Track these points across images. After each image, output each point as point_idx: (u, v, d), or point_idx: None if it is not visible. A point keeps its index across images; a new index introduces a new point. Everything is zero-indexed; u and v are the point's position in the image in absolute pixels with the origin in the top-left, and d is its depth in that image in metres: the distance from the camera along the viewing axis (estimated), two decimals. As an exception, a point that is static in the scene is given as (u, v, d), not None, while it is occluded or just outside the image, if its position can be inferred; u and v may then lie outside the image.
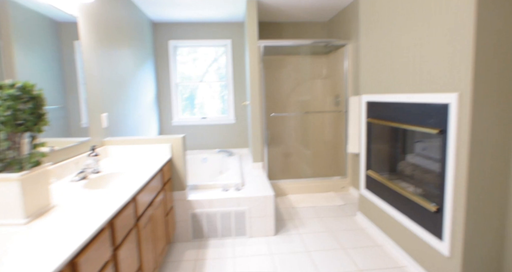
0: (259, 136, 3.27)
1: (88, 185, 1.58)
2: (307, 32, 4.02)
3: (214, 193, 2.43)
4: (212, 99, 4.21)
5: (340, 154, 3.74)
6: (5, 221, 1.03)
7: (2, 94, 1.00)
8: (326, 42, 3.39)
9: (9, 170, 1.06)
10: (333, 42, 3.38)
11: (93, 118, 2.09)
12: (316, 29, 4.02)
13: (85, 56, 2.02)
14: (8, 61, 1.31)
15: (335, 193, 3.48)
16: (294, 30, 3.99)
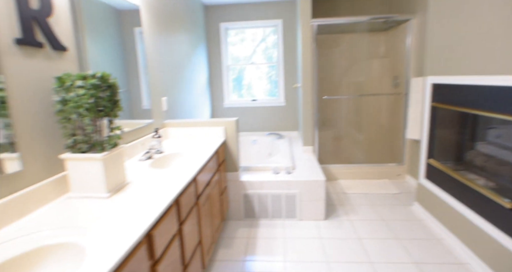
0: (310, 119, 3.21)
1: (153, 164, 1.73)
2: (364, 8, 3.71)
3: (265, 175, 2.48)
4: (259, 80, 4.20)
5: (397, 139, 3.52)
6: (93, 194, 1.19)
7: (86, 84, 1.12)
8: (386, 18, 3.11)
9: (93, 150, 1.20)
10: (395, 17, 3.08)
11: (155, 102, 2.24)
12: (374, 4, 3.69)
13: (147, 43, 2.14)
14: (82, 50, 1.43)
15: (389, 180, 3.32)
16: (350, 6, 3.71)
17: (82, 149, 1.19)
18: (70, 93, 1.13)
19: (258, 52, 4.14)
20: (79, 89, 1.12)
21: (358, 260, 1.91)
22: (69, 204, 1.13)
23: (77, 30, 1.37)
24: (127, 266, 0.84)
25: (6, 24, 1.01)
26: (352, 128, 3.88)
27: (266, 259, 1.95)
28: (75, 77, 1.13)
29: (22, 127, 1.07)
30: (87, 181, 1.19)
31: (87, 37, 1.45)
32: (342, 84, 3.83)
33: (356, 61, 3.77)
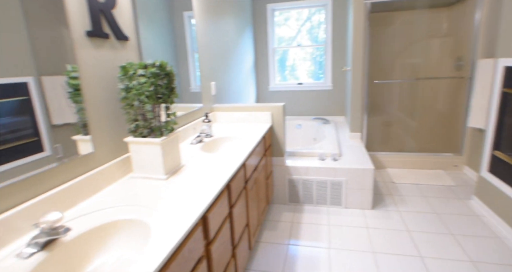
0: (359, 105, 3.06)
1: (204, 148, 1.80)
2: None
3: (310, 161, 2.46)
4: (303, 61, 4.06)
5: (455, 127, 3.22)
6: (152, 175, 1.29)
7: (147, 72, 1.18)
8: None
9: (152, 135, 1.28)
10: (464, -11, 2.73)
11: (204, 86, 2.31)
12: (440, -26, 3.29)
13: (198, 29, 2.17)
14: (134, 19, 1.44)
15: (444, 171, 3.08)
16: (410, -22, 3.35)
17: (143, 133, 1.28)
18: (133, 82, 1.20)
19: (303, 32, 3.98)
20: (141, 78, 1.19)
21: (406, 253, 1.85)
22: (132, 184, 1.24)
23: (135, 20, 1.44)
24: (187, 245, 0.91)
25: (79, 18, 1.10)
26: (404, 114, 3.63)
27: (310, 244, 1.97)
28: (137, 66, 1.20)
29: (93, 112, 1.18)
30: (147, 163, 1.28)
31: (139, 22, 1.48)
32: (395, 67, 3.56)
33: (413, 41, 3.45)
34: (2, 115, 0.85)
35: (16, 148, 0.89)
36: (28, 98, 0.92)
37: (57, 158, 1.02)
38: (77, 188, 1.07)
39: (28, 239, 0.87)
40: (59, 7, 1.02)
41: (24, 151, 0.91)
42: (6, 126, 0.86)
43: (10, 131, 0.87)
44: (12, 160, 0.88)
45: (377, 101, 3.66)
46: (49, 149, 0.99)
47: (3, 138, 0.85)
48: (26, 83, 0.92)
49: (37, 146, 0.96)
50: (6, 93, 0.86)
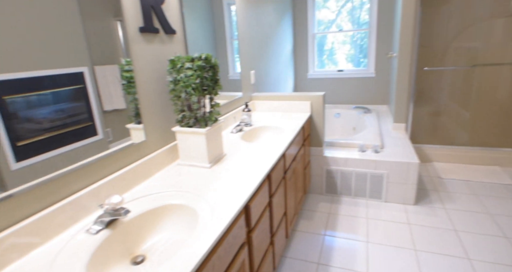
0: (404, 94, 2.88)
1: (244, 137, 1.85)
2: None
3: (350, 152, 2.41)
4: (343, 44, 3.86)
5: (517, 119, 2.91)
6: (197, 163, 1.36)
7: (193, 66, 1.23)
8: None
9: (197, 125, 1.35)
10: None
11: (244, 75, 2.33)
12: None
13: (239, 16, 2.18)
14: (180, 13, 1.49)
15: (501, 168, 2.83)
16: (473, -49, 3.00)
17: (189, 123, 1.34)
18: (180, 74, 1.26)
19: (343, 13, 3.76)
20: (188, 71, 1.24)
21: (451, 253, 1.76)
22: (179, 171, 1.33)
23: (182, 13, 1.48)
24: (231, 232, 0.96)
25: (133, 15, 1.16)
26: (457, 104, 3.34)
27: (347, 236, 1.97)
28: (184, 60, 1.25)
29: (145, 103, 1.27)
30: (193, 152, 1.35)
31: (184, 10, 1.50)
32: (449, 52, 3.26)
33: (472, 22, 3.12)
34: (62, 102, 0.94)
35: (74, 131, 0.98)
36: (84, 87, 1.01)
37: (108, 141, 1.12)
38: (132, 173, 1.18)
39: (95, 217, 0.98)
40: (116, 6, 1.09)
41: (81, 135, 1.01)
42: (66, 112, 0.95)
43: (68, 116, 0.96)
44: (71, 142, 0.97)
45: (426, 89, 3.42)
46: (101, 132, 1.08)
47: (63, 122, 0.94)
48: (82, 72, 1.00)
49: (92, 130, 1.05)
50: (65, 82, 0.95)
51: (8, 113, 0.79)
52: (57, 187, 0.92)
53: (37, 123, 0.87)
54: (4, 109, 0.78)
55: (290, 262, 1.76)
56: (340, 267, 1.70)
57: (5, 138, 0.79)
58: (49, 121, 0.90)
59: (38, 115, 0.87)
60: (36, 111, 0.86)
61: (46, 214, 0.86)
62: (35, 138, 0.86)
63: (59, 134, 0.93)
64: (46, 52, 0.87)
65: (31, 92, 0.85)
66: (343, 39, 3.87)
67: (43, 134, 0.88)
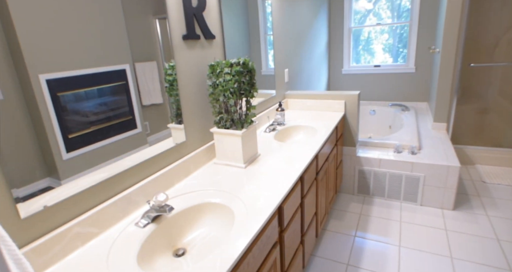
0: (447, 91, 2.73)
1: (277, 136, 1.88)
2: None
3: (384, 153, 2.35)
4: (380, 34, 3.67)
5: None
6: (233, 163, 1.43)
7: (231, 71, 1.28)
8: None
9: (234, 127, 1.41)
10: None
11: (278, 73, 2.35)
12: None
13: (274, 14, 2.19)
14: (219, 18, 1.55)
15: (554, 173, 2.60)
16: None
17: (226, 125, 1.41)
18: (219, 79, 1.32)
19: (383, 1, 3.57)
20: (227, 75, 1.30)
21: (492, 264, 1.69)
22: (216, 170, 1.41)
23: (221, 18, 1.54)
24: (265, 232, 1.02)
25: (177, 25, 1.24)
26: (507, 103, 3.09)
27: (378, 239, 1.95)
28: (223, 65, 1.31)
29: (185, 105, 1.35)
30: (229, 152, 1.42)
31: (222, 8, 1.52)
32: (500, 47, 3.01)
33: (530, 13, 2.84)
34: (106, 97, 1.01)
35: (116, 125, 1.06)
36: (126, 83, 1.08)
37: (146, 133, 1.20)
38: (174, 171, 1.27)
39: (142, 211, 1.09)
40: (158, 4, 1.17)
41: (122, 128, 1.08)
42: (109, 106, 1.03)
43: (111, 110, 1.03)
44: (114, 135, 1.05)
45: (471, 86, 3.19)
46: (140, 126, 1.16)
47: (106, 115, 1.02)
48: (125, 70, 1.07)
49: (132, 123, 1.12)
50: (110, 79, 1.02)
51: (61, 108, 0.88)
52: (111, 184, 1.03)
53: (84, 116, 0.96)
54: (57, 105, 0.87)
55: (319, 262, 1.80)
56: (370, 270, 1.70)
57: (58, 131, 0.88)
58: (94, 115, 0.98)
59: (85, 109, 0.95)
60: (84, 106, 0.95)
61: (103, 207, 0.97)
62: (83, 131, 0.95)
63: (103, 128, 1.01)
64: (94, 52, 0.95)
65: (80, 89, 0.93)
66: (381, 28, 3.68)
67: (90, 128, 0.97)
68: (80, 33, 0.90)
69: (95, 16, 0.95)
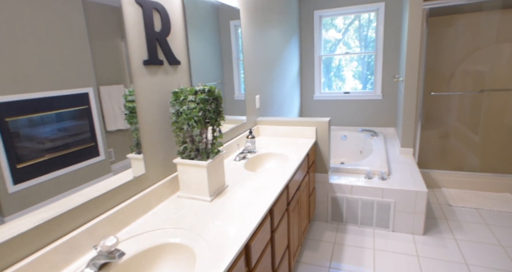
0: (411, 119, 2.85)
1: (247, 165, 1.82)
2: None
3: (356, 179, 2.35)
4: (350, 62, 3.86)
5: (529, 145, 2.83)
6: (198, 196, 1.33)
7: (196, 98, 1.23)
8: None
9: (199, 157, 1.33)
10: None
11: (249, 100, 2.33)
12: (515, -28, 2.92)
13: (244, 40, 2.20)
14: (185, 43, 1.49)
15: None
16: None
17: (190, 155, 1.32)
18: (183, 106, 1.25)
19: (351, 31, 3.79)
20: (191, 103, 1.24)
21: (464, 292, 1.67)
22: (179, 204, 1.30)
23: (187, 43, 1.50)
24: (229, 277, 0.92)
25: (138, 49, 1.17)
26: (465, 129, 3.28)
27: (353, 269, 1.88)
28: (188, 92, 1.25)
29: (146, 133, 1.25)
30: (194, 184, 1.33)
31: (189, 31, 1.47)
32: (456, 77, 3.24)
33: (478, 47, 3.11)
34: (65, 122, 0.92)
35: (76, 152, 0.96)
36: (88, 107, 1.00)
37: (110, 161, 1.09)
38: (131, 207, 1.15)
39: (87, 259, 0.95)
40: (122, 38, 1.10)
41: (83, 155, 0.98)
42: (68, 132, 0.93)
43: (70, 136, 0.94)
44: (72, 163, 0.95)
45: (433, 113, 3.37)
46: (103, 153, 1.06)
47: (64, 142, 0.92)
48: (87, 93, 0.99)
49: (94, 150, 1.03)
50: (70, 103, 0.94)
51: (9, 135, 0.78)
52: (51, 227, 0.89)
53: (39, 143, 0.86)
54: (5, 131, 0.77)
55: (293, 298, 1.68)
56: (345, 305, 1.61)
57: (5, 160, 0.77)
58: (51, 142, 0.89)
59: (41, 136, 0.86)
60: (39, 132, 0.85)
61: (39, 256, 0.83)
62: (36, 160, 0.85)
63: (60, 156, 0.91)
64: (53, 74, 0.87)
65: (35, 114, 0.84)
66: (351, 56, 3.87)
67: (44, 156, 0.87)
68: (36, 54, 0.83)
69: (55, 37, 0.88)
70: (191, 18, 1.52)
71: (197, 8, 1.59)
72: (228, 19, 1.98)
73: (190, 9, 1.52)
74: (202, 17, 1.63)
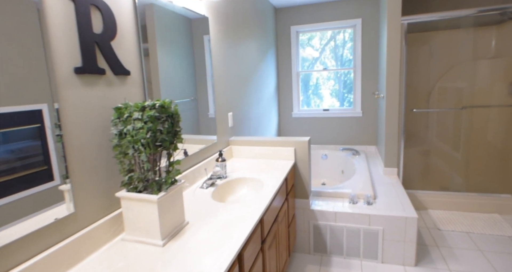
0: (394, 137, 2.71)
1: (215, 194, 1.55)
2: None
3: (340, 204, 2.13)
4: (327, 80, 3.78)
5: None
6: (147, 239, 1.04)
7: (143, 117, 0.97)
8: (503, 9, 2.45)
9: (149, 189, 1.05)
10: (518, 7, 2.40)
11: (220, 118, 2.09)
12: (485, -8, 2.97)
13: (214, 54, 2.00)
14: (153, 59, 1.34)
15: (501, 216, 2.61)
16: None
17: (138, 187, 1.05)
18: (128, 126, 0.99)
19: (327, 51, 3.74)
20: (137, 122, 0.98)
21: None
22: (122, 250, 1.00)
23: (140, 50, 1.26)
24: None
25: (67, 54, 0.92)
26: (447, 147, 3.20)
27: (341, 314, 1.61)
28: (133, 108, 1.00)
29: (76, 162, 0.97)
30: (142, 224, 1.04)
31: (157, 46, 1.36)
32: (434, 94, 3.19)
33: (455, 63, 3.09)
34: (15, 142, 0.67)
35: (26, 177, 0.77)
36: (41, 126, 0.85)
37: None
38: (48, 261, 0.85)
39: None
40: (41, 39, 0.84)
41: (34, 180, 0.74)
42: (16, 153, 0.79)
43: (19, 159, 0.78)
44: (22, 189, 0.77)
45: (415, 131, 3.28)
46: (58, 177, 0.89)
47: (12, 165, 0.80)
48: (41, 110, 0.82)
49: (47, 174, 0.86)
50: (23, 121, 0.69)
51: None
52: None
53: None
54: None
55: None
56: None
57: None
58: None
59: None
60: None
61: None
62: None
63: (3, 182, 0.77)
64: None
65: None
66: (328, 75, 3.79)
67: None
68: None
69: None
70: (161, 30, 1.39)
71: (167, 20, 1.46)
72: (201, 34, 1.85)
73: (159, 21, 1.38)
74: (173, 30, 1.52)
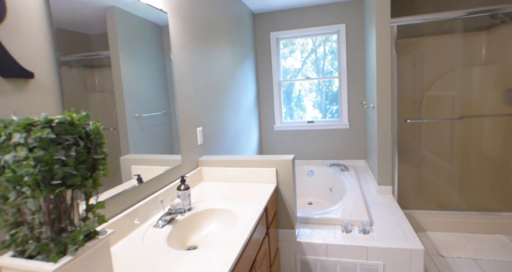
0: (388, 150, 2.43)
1: (172, 237, 1.17)
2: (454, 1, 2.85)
3: (331, 233, 1.80)
4: (309, 92, 3.53)
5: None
6: None
7: (28, 141, 0.61)
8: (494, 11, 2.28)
9: (47, 253, 0.68)
10: (509, 8, 2.23)
11: (185, 134, 1.74)
12: (471, -5, 2.82)
13: (176, 57, 1.66)
14: (116, 69, 1.15)
15: (506, 236, 2.35)
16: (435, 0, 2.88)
17: (28, 249, 0.67)
18: (6, 156, 0.62)
19: (308, 64, 3.51)
20: (19, 149, 0.62)
21: None
22: None
23: (55, 45, 0.90)
24: None
25: None
26: (444, 161, 2.95)
27: None
28: (14, 128, 0.63)
29: None
30: (36, 309, 0.66)
31: (120, 55, 1.20)
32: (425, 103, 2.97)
33: (446, 71, 2.90)
34: None
35: None
36: None
37: None
38: None
39: None
40: None
41: None
42: None
43: None
44: None
45: (407, 144, 3.03)
46: None
47: None
48: None
49: None
50: None
51: None
52: None
53: None
54: None
55: None
56: None
57: None
58: None
59: None
60: None
61: None
62: None
63: None
64: None
65: None
66: (309, 87, 3.55)
67: None
68: None
69: None
70: (124, 37, 1.22)
71: (132, 26, 1.28)
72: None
73: (123, 26, 1.21)
74: (140, 37, 1.33)
